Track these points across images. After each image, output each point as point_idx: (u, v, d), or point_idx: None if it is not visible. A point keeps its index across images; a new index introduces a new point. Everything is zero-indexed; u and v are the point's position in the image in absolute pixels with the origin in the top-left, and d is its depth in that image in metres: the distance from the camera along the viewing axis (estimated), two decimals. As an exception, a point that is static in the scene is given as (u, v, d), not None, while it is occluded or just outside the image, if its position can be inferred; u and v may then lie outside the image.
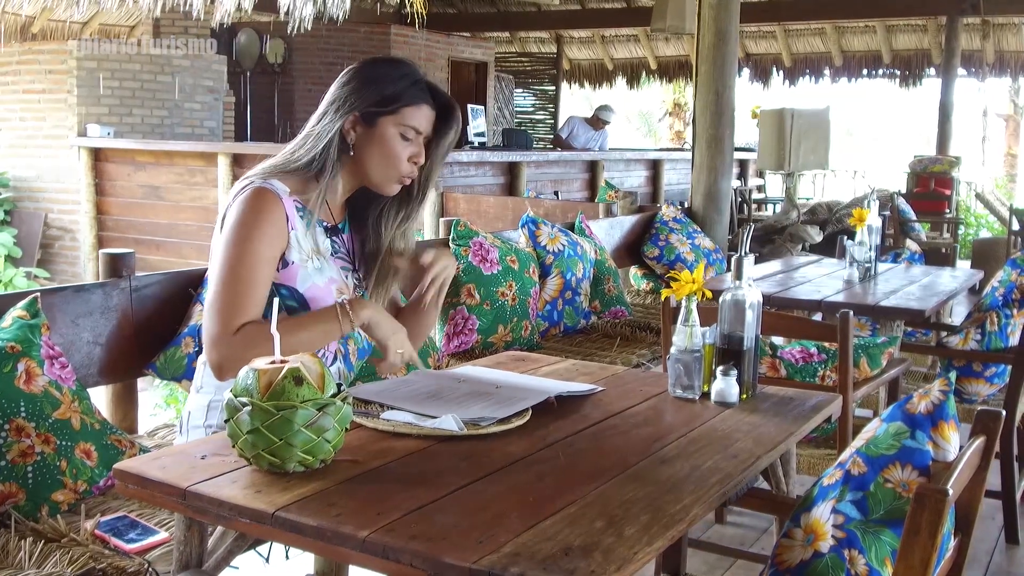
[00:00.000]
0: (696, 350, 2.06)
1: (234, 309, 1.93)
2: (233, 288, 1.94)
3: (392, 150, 2.08)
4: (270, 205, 1.99)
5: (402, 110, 2.07)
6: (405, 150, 2.09)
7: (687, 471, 1.63)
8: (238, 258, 1.95)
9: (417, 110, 2.09)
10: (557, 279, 4.04)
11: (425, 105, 2.10)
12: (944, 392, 1.55)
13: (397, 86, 2.08)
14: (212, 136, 9.82)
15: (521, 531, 1.36)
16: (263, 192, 2.00)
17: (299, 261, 2.03)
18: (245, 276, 1.94)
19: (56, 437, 2.08)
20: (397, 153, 2.08)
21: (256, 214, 1.98)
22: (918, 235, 8.62)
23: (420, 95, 2.10)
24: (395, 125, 2.07)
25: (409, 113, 2.08)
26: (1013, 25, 11.70)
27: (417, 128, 2.09)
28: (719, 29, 5.64)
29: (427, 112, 2.11)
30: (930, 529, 1.34)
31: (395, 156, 2.08)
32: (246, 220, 1.97)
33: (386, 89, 2.07)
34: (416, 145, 2.10)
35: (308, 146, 2.08)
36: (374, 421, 1.80)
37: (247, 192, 2.01)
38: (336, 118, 2.07)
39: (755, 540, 3.36)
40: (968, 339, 3.47)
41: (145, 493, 1.55)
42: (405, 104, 2.07)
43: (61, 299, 2.39)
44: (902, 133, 24.37)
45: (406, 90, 2.08)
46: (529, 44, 15.60)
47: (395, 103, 2.07)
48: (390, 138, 2.07)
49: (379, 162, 2.09)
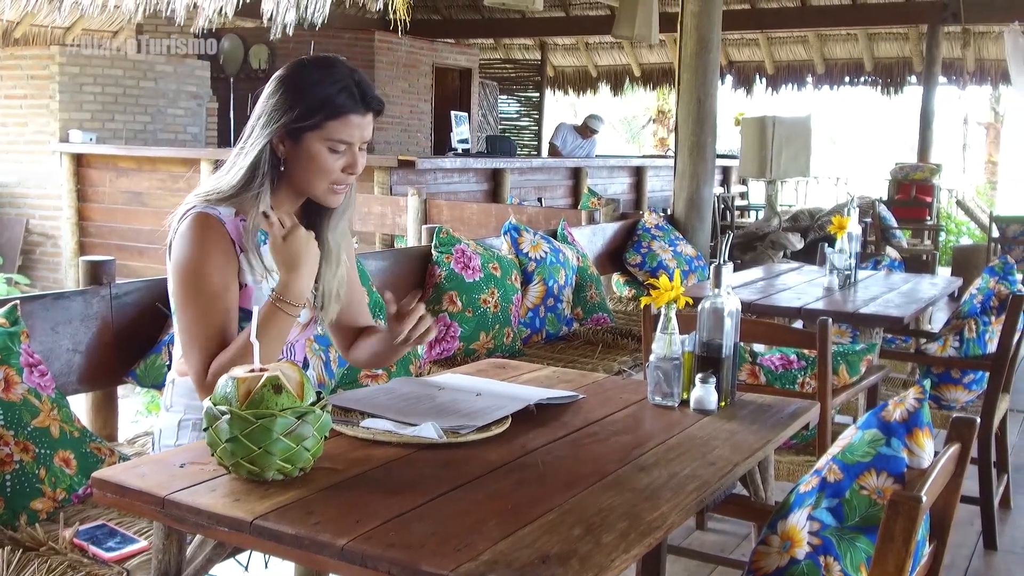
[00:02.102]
0: (675, 358, 2.07)
1: (205, 348, 1.92)
2: (203, 328, 1.92)
3: (323, 165, 1.98)
4: (213, 232, 1.94)
5: (326, 123, 1.96)
6: (336, 163, 1.99)
7: (665, 478, 1.64)
8: (197, 294, 1.93)
9: (343, 122, 1.97)
10: (539, 286, 4.04)
11: (352, 115, 1.98)
12: (919, 400, 1.57)
13: (321, 96, 1.95)
14: (195, 142, 9.80)
15: (499, 539, 1.37)
16: (205, 219, 1.95)
17: (252, 283, 2.01)
18: (207, 311, 1.93)
19: (35, 445, 2.07)
20: (329, 168, 1.99)
21: (201, 244, 1.93)
22: (899, 242, 8.68)
23: (346, 103, 1.97)
24: (321, 140, 1.97)
25: (334, 127, 1.97)
26: (993, 33, 11.78)
27: (345, 140, 1.98)
28: (701, 37, 5.66)
29: (355, 120, 1.98)
30: (904, 536, 1.35)
31: (327, 171, 1.99)
32: (192, 253, 1.94)
33: (310, 101, 1.95)
34: (349, 155, 2.00)
35: (239, 166, 2.00)
36: (354, 429, 1.80)
37: (188, 220, 1.96)
38: (262, 135, 1.98)
39: (735, 547, 3.37)
40: (947, 346, 3.50)
41: (123, 502, 1.55)
42: (329, 117, 1.96)
43: (41, 306, 2.38)
44: (884, 140, 24.52)
45: (330, 100, 1.96)
46: (513, 51, 15.62)
47: (318, 116, 1.95)
48: (318, 154, 1.98)
49: (312, 177, 2.00)
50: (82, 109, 8.83)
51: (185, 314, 1.95)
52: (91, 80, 8.90)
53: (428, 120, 12.62)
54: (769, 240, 6.75)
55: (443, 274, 3.65)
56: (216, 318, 1.94)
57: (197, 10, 7.07)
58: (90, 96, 8.89)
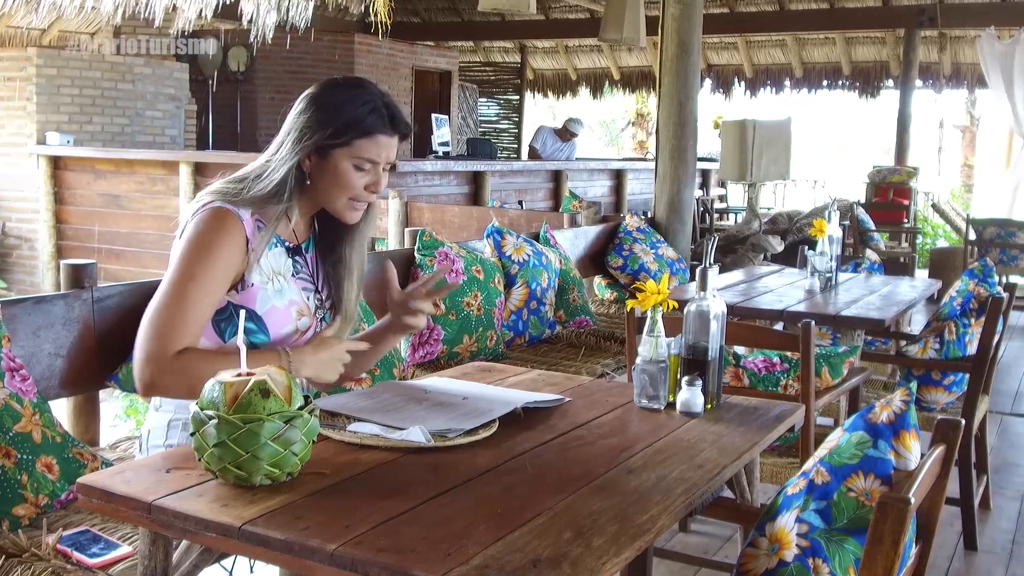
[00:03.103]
0: (661, 360, 2.08)
1: (175, 330, 1.90)
2: (178, 307, 1.91)
3: (347, 182, 2.03)
4: (229, 226, 1.96)
5: (355, 142, 2.01)
6: (360, 180, 2.04)
7: (653, 481, 1.64)
8: (189, 277, 1.92)
9: (371, 141, 2.02)
10: (522, 289, 4.04)
11: (380, 135, 2.03)
12: (905, 402, 1.58)
13: (351, 116, 2.01)
14: (174, 144, 9.74)
15: (489, 543, 1.37)
16: (224, 213, 1.97)
17: (259, 283, 2.01)
18: (192, 296, 1.92)
19: (17, 451, 2.05)
20: (352, 184, 2.03)
21: (214, 234, 1.95)
22: (877, 245, 8.73)
23: (375, 124, 2.02)
24: (348, 158, 2.02)
25: (362, 145, 2.02)
26: (969, 38, 11.88)
27: (372, 159, 2.03)
28: (682, 41, 5.68)
29: (383, 141, 2.04)
30: (893, 537, 1.36)
31: (350, 187, 2.03)
32: (203, 240, 1.94)
33: (340, 119, 2.00)
34: (373, 174, 2.05)
35: (267, 177, 2.03)
36: (341, 433, 1.80)
37: (208, 211, 1.97)
38: (293, 152, 2.02)
39: (719, 548, 3.38)
40: (927, 348, 3.52)
41: (109, 507, 1.54)
42: (358, 136, 2.01)
43: (22, 310, 2.35)
44: (860, 143, 24.68)
45: (361, 120, 2.01)
46: (493, 54, 15.63)
47: (347, 135, 2.00)
48: (344, 171, 2.02)
49: (335, 193, 2.04)
50: (59, 111, 8.76)
51: (169, 289, 1.93)
52: (69, 82, 8.83)
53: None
54: (750, 243, 6.78)
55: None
56: (194, 311, 1.92)
57: (176, 12, 7.02)
58: (67, 98, 8.82)
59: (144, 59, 9.53)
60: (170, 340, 1.89)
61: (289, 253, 2.10)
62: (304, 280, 2.12)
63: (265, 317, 2.02)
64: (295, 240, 2.13)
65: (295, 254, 2.12)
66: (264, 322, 2.02)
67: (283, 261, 2.08)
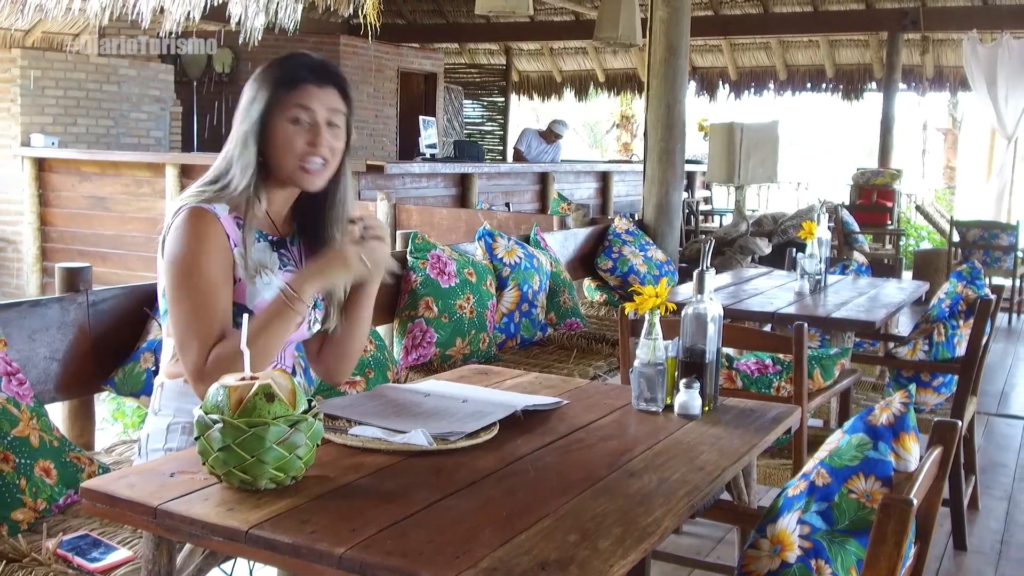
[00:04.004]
0: (659, 363, 2.09)
1: (203, 340, 1.92)
2: (200, 319, 1.92)
3: (286, 140, 2.01)
4: (208, 226, 1.96)
5: (283, 98, 2.00)
6: (299, 137, 2.01)
7: (655, 484, 1.65)
8: (193, 287, 1.93)
9: (298, 92, 2.01)
10: (514, 291, 4.05)
11: (307, 85, 2.01)
12: (905, 404, 1.60)
13: (277, 76, 2.02)
14: (159, 146, 9.71)
15: (496, 546, 1.37)
16: (200, 213, 1.97)
17: (246, 278, 2.01)
18: (204, 303, 1.93)
19: (15, 455, 2.04)
20: (291, 141, 2.01)
21: (196, 236, 1.95)
22: (861, 246, 8.78)
23: (298, 75, 2.02)
24: (282, 116, 2.00)
25: (290, 97, 2.00)
26: (952, 41, 11.96)
27: (302, 105, 2.00)
28: (670, 44, 5.70)
29: (312, 90, 2.01)
30: (896, 539, 1.37)
31: (291, 146, 2.01)
32: (188, 246, 1.95)
33: (271, 83, 2.02)
34: (313, 131, 2.02)
35: (223, 164, 2.05)
36: (343, 437, 1.80)
37: (182, 215, 1.98)
38: (238, 132, 2.03)
39: (711, 549, 3.39)
40: (916, 350, 3.55)
41: (114, 512, 1.54)
42: (284, 91, 2.00)
43: (17, 314, 2.35)
44: (843, 145, 24.81)
45: (285, 77, 2.02)
46: (478, 56, 15.63)
47: (277, 93, 2.00)
48: (281, 130, 2.01)
49: (282, 159, 2.02)
50: (44, 113, 8.72)
51: (181, 307, 1.94)
52: (53, 84, 8.79)
53: (394, 125, 12.59)
54: (738, 245, 6.81)
55: (419, 280, 3.64)
56: (212, 310, 1.93)
57: (164, 14, 6.99)
58: (52, 100, 8.78)
59: (129, 61, 9.49)
60: (201, 350, 1.92)
61: (273, 247, 2.09)
62: (292, 272, 2.10)
63: (256, 311, 2.00)
64: (278, 233, 2.12)
65: (279, 247, 2.11)
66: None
67: (268, 255, 2.07)
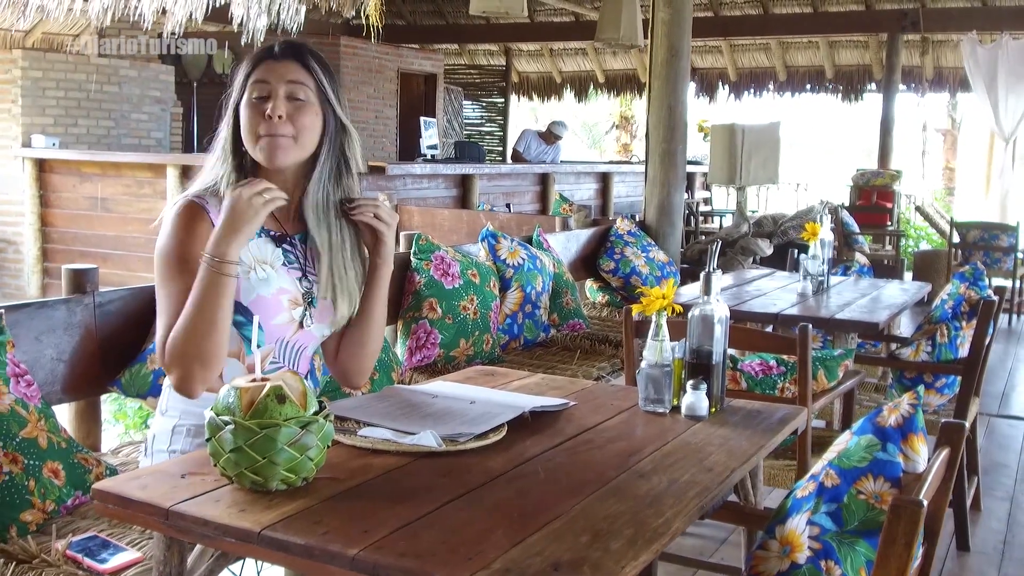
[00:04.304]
0: (666, 364, 2.09)
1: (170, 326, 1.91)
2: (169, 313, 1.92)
3: (246, 119, 2.00)
4: (195, 221, 1.96)
5: (247, 82, 2.00)
6: (257, 110, 1.99)
7: (665, 485, 1.66)
8: (174, 275, 1.94)
9: (256, 71, 2.00)
10: (517, 293, 4.06)
11: (266, 60, 2.01)
12: (913, 405, 1.61)
13: (244, 65, 2.03)
14: (159, 147, 9.70)
15: (508, 547, 1.38)
16: (189, 207, 1.98)
17: (241, 273, 1.97)
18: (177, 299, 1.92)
19: (23, 456, 2.05)
20: (249, 117, 1.99)
21: (184, 229, 1.96)
22: (861, 247, 8.79)
23: (259, 56, 2.03)
24: (246, 100, 2.00)
25: (248, 81, 2.00)
26: (951, 42, 11.98)
27: (259, 79, 1.99)
28: (671, 45, 5.71)
29: (269, 64, 2.01)
30: (906, 539, 1.38)
31: (249, 121, 1.99)
32: (175, 238, 1.96)
33: (239, 76, 2.03)
34: (268, 102, 1.98)
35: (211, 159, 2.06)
36: (352, 438, 1.80)
37: (174, 209, 1.99)
38: (221, 126, 2.05)
39: (714, 551, 3.40)
40: (919, 351, 3.56)
41: (126, 513, 1.54)
42: (248, 74, 2.00)
43: (25, 315, 2.35)
44: (842, 146, 24.82)
45: (248, 64, 2.03)
46: (478, 56, 15.63)
47: (243, 83, 2.01)
48: (245, 112, 2.00)
49: (246, 139, 2.01)
50: (45, 114, 8.71)
51: (161, 292, 1.95)
52: (54, 84, 8.78)
53: (394, 126, 12.58)
54: (739, 246, 6.82)
55: (423, 281, 3.65)
56: (180, 300, 1.91)
57: (166, 15, 6.99)
58: (53, 101, 8.77)
59: (129, 62, 9.48)
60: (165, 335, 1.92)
61: (276, 242, 2.06)
62: (296, 269, 2.07)
63: (252, 307, 1.98)
64: (282, 229, 2.09)
65: (282, 242, 2.08)
66: (250, 312, 1.98)
67: (269, 250, 2.04)
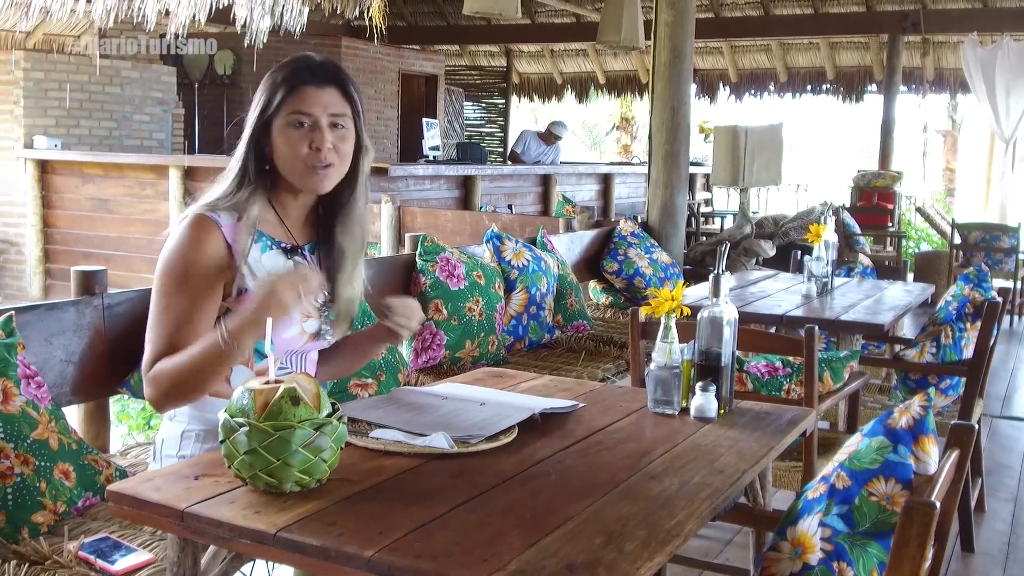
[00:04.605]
0: (675, 366, 2.10)
1: (156, 347, 1.91)
2: (163, 325, 1.92)
3: (290, 143, 1.99)
4: (207, 234, 1.95)
5: (285, 102, 1.99)
6: (301, 140, 1.99)
7: (677, 486, 1.66)
8: (175, 288, 1.93)
9: (297, 95, 1.99)
10: (522, 294, 4.06)
11: (305, 86, 2.00)
12: (924, 408, 1.61)
13: (277, 80, 2.00)
14: (161, 148, 9.71)
15: (523, 549, 1.38)
16: (201, 221, 1.96)
17: (253, 288, 1.97)
18: (180, 306, 1.92)
19: (35, 458, 2.05)
20: (294, 147, 1.99)
21: (192, 242, 1.94)
22: (863, 248, 8.80)
23: (297, 77, 2.00)
24: (284, 122, 2.00)
25: (291, 102, 1.99)
26: (952, 43, 12.00)
27: (303, 111, 1.99)
28: (674, 47, 5.73)
29: (311, 91, 2.00)
30: (919, 541, 1.38)
31: (295, 149, 1.99)
32: (181, 250, 1.94)
33: (273, 87, 2.01)
34: (314, 131, 2.00)
35: (229, 172, 2.04)
36: (364, 440, 1.81)
37: (185, 221, 1.97)
38: (244, 138, 2.03)
39: (720, 551, 3.40)
40: (924, 352, 3.56)
41: (140, 515, 1.55)
42: (285, 95, 1.99)
43: (35, 317, 2.36)
44: (842, 147, 24.84)
45: (284, 80, 2.00)
46: (479, 57, 15.64)
47: (277, 99, 1.99)
48: (285, 134, 2.00)
49: (288, 162, 2.01)
50: (47, 115, 8.72)
51: (158, 304, 1.94)
52: (56, 85, 8.80)
53: (395, 127, 12.60)
54: (742, 247, 6.83)
55: (428, 282, 3.66)
56: (177, 321, 1.91)
57: (169, 17, 7.00)
58: (55, 102, 8.79)
59: (131, 63, 9.48)
60: (151, 355, 1.91)
61: (287, 255, 2.07)
62: None
63: None
64: (292, 241, 2.10)
65: (293, 255, 2.08)
66: None
67: (280, 263, 2.04)
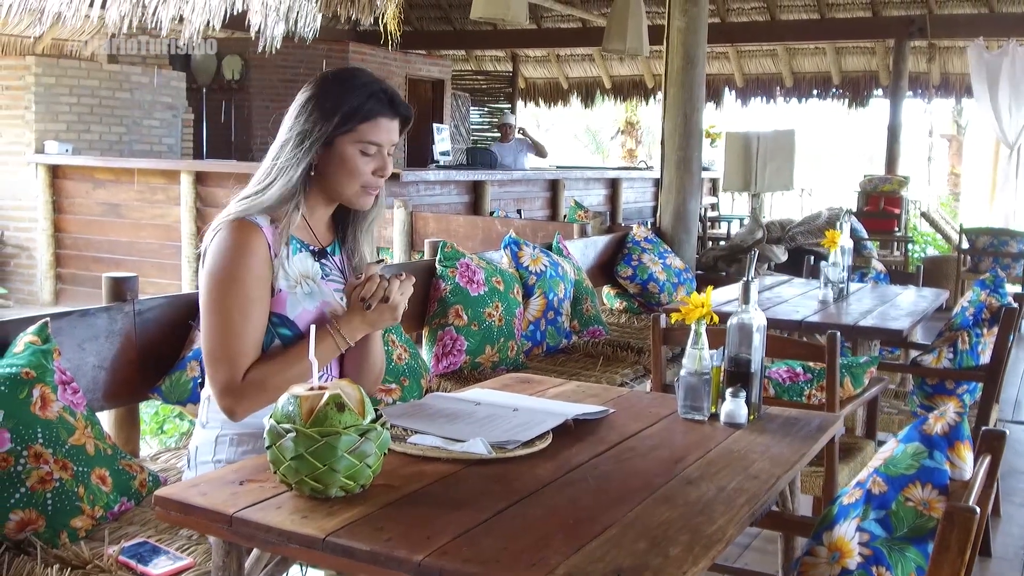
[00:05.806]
0: (705, 372, 2.12)
1: (238, 356, 1.96)
2: (229, 331, 1.95)
3: (355, 168, 2.05)
4: (250, 237, 1.98)
5: (358, 127, 2.03)
6: (367, 165, 2.06)
7: (714, 492, 1.68)
8: (231, 301, 1.96)
9: (373, 125, 2.04)
10: (540, 299, 4.09)
11: (382, 118, 2.05)
12: (959, 414, 1.63)
13: (353, 102, 2.03)
14: (171, 153, 9.74)
15: (570, 553, 1.40)
16: (243, 225, 1.99)
17: (287, 288, 2.04)
18: (239, 319, 1.96)
19: (73, 463, 2.07)
20: (361, 170, 2.05)
21: (238, 249, 1.97)
22: (870, 253, 8.81)
23: (375, 107, 2.04)
24: (354, 144, 2.04)
25: (365, 129, 2.04)
26: (958, 48, 12.02)
27: (376, 142, 2.05)
28: (687, 53, 5.75)
29: (384, 123, 2.06)
30: (959, 546, 1.40)
31: (359, 173, 2.06)
32: (229, 258, 1.97)
33: (342, 108, 2.02)
34: (379, 158, 2.07)
35: (277, 181, 2.03)
36: (403, 445, 1.83)
37: (228, 226, 2.00)
38: (304, 151, 2.02)
39: (739, 556, 3.42)
40: (941, 358, 3.58)
41: (188, 519, 1.57)
42: (360, 121, 2.03)
43: (68, 323, 2.38)
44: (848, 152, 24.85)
45: (361, 105, 2.03)
46: (485, 62, 15.68)
47: (351, 121, 2.03)
48: (351, 157, 2.05)
49: (345, 181, 2.06)
50: (58, 120, 8.75)
51: (215, 320, 1.97)
52: (67, 91, 8.83)
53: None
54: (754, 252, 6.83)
55: (448, 288, 3.68)
56: (247, 328, 1.96)
57: (183, 23, 7.03)
58: (66, 107, 8.81)
59: (141, 68, 9.52)
60: (235, 366, 1.95)
61: (315, 256, 2.12)
62: (335, 281, 2.15)
63: (297, 320, 2.05)
64: (319, 243, 2.15)
65: (321, 257, 2.14)
66: (297, 325, 2.05)
67: (310, 264, 2.10)
